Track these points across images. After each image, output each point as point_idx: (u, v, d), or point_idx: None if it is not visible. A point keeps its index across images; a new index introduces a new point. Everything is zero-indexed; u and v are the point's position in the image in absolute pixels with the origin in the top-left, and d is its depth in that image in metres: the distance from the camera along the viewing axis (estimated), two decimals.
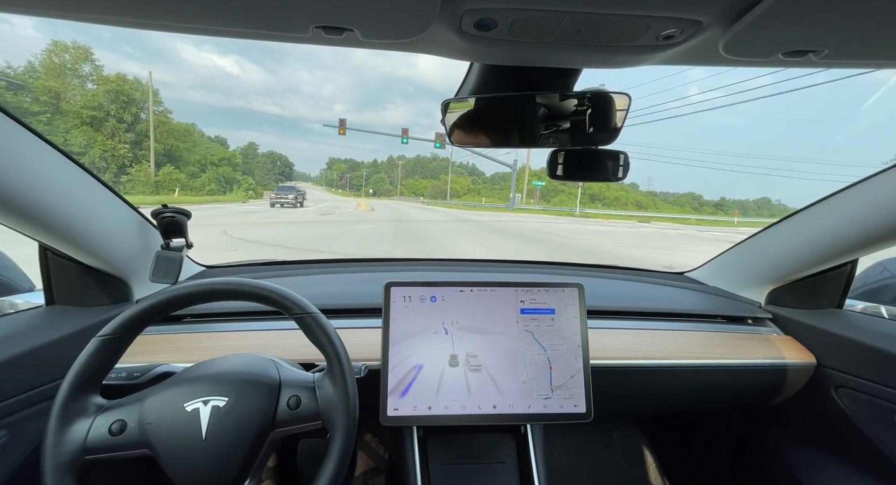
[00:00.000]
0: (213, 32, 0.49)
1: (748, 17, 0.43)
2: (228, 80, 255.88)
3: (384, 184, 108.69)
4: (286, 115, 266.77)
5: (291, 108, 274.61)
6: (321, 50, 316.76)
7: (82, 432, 0.56)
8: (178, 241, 1.02)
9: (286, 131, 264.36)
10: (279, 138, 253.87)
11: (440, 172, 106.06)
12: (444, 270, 1.37)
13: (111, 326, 0.60)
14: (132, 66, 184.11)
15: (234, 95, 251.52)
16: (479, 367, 0.84)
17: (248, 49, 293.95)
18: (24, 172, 0.67)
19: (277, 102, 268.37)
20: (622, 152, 0.76)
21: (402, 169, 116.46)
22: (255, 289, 0.64)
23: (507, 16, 0.45)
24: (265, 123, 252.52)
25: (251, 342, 0.93)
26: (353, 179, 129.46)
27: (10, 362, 0.72)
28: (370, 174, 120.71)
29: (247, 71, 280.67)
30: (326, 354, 0.64)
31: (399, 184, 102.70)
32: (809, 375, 1.03)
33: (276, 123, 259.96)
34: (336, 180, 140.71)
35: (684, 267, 1.46)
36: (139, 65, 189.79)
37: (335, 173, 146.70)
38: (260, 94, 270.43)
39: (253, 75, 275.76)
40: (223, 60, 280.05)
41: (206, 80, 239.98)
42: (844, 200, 0.90)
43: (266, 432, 0.61)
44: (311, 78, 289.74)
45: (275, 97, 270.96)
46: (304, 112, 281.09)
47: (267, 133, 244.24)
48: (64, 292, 0.91)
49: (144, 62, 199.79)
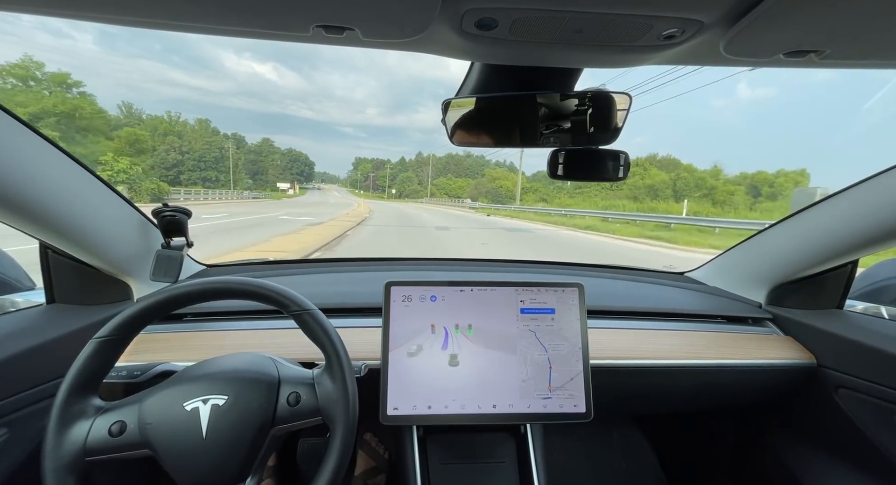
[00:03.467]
0: (214, 31, 0.49)
1: (749, 17, 0.43)
2: (266, 87, 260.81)
3: (412, 183, 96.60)
4: (319, 120, 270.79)
5: (325, 113, 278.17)
6: (354, 54, 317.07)
7: (82, 433, 0.56)
8: (178, 240, 1.03)
9: (319, 135, 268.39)
10: (312, 142, 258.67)
11: (476, 170, 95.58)
12: (444, 269, 1.37)
13: (108, 327, 0.60)
14: (179, 74, 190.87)
15: (271, 101, 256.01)
16: (479, 366, 0.84)
17: (285, 55, 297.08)
18: (26, 170, 0.67)
19: (311, 107, 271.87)
20: (623, 152, 0.76)
21: (432, 167, 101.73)
22: (252, 287, 0.64)
23: (508, 15, 0.45)
24: (300, 127, 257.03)
25: (252, 341, 0.93)
26: (377, 179, 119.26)
27: (11, 360, 0.72)
28: (396, 173, 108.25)
29: (283, 77, 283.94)
30: (325, 351, 0.64)
31: (429, 183, 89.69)
32: (809, 375, 1.02)
33: (309, 127, 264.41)
34: (360, 181, 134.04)
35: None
36: (186, 73, 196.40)
37: (360, 174, 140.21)
38: (295, 99, 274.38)
39: (289, 81, 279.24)
40: (262, 67, 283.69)
41: (245, 86, 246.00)
42: (845, 201, 0.90)
43: (266, 430, 0.61)
44: (343, 82, 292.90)
45: (309, 102, 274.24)
46: (337, 116, 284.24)
47: (301, 137, 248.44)
48: (64, 291, 0.91)
49: (190, 71, 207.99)
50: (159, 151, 64.51)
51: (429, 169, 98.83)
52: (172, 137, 69.41)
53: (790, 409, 1.11)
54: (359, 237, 10.57)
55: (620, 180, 0.78)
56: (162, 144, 66.16)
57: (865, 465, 0.96)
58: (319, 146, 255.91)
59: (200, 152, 69.58)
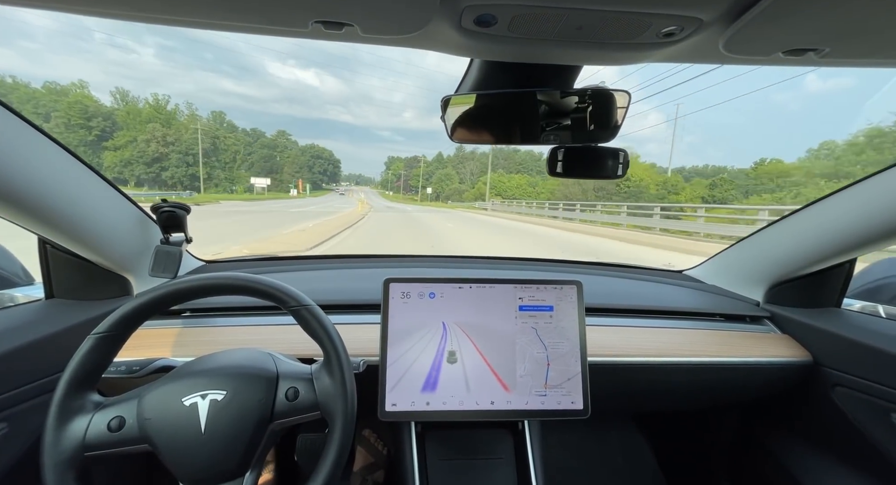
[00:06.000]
0: (213, 26, 0.49)
1: (748, 15, 0.43)
2: (307, 92, 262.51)
3: (451, 181, 73.28)
4: (357, 124, 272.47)
5: (363, 117, 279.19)
6: (394, 57, 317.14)
7: (81, 429, 0.56)
8: (177, 235, 1.03)
9: (356, 139, 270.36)
10: (351, 146, 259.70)
11: (531, 165, 74.79)
12: (443, 266, 1.37)
13: (106, 323, 0.60)
14: (228, 82, 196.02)
15: (312, 107, 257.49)
16: (478, 363, 0.85)
17: (327, 61, 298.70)
18: (24, 165, 0.67)
19: (351, 111, 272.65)
20: (622, 150, 0.76)
21: (477, 162, 77.00)
22: (250, 283, 0.64)
23: (507, 12, 0.45)
24: (339, 132, 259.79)
25: (250, 337, 0.93)
26: (409, 178, 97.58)
27: (10, 355, 0.72)
28: (432, 171, 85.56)
29: (325, 82, 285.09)
30: (323, 346, 0.65)
31: (473, 179, 69.53)
32: (807, 373, 1.03)
33: (347, 131, 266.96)
34: (392, 182, 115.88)
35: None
36: (234, 82, 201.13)
37: (392, 174, 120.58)
38: (335, 104, 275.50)
39: (330, 86, 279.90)
40: (304, 73, 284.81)
41: (288, 92, 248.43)
42: (843, 200, 0.90)
43: (265, 425, 0.61)
44: (382, 85, 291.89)
45: (349, 106, 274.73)
46: (375, 120, 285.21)
47: (339, 141, 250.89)
48: (63, 286, 0.91)
49: (238, 79, 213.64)
50: (138, 142, 54.08)
51: (472, 165, 75.26)
52: (155, 125, 56.23)
53: (787, 407, 1.12)
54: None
55: (619, 177, 0.79)
56: (142, 133, 54.71)
57: (862, 463, 0.96)
58: (357, 150, 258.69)
59: (188, 143, 56.00)
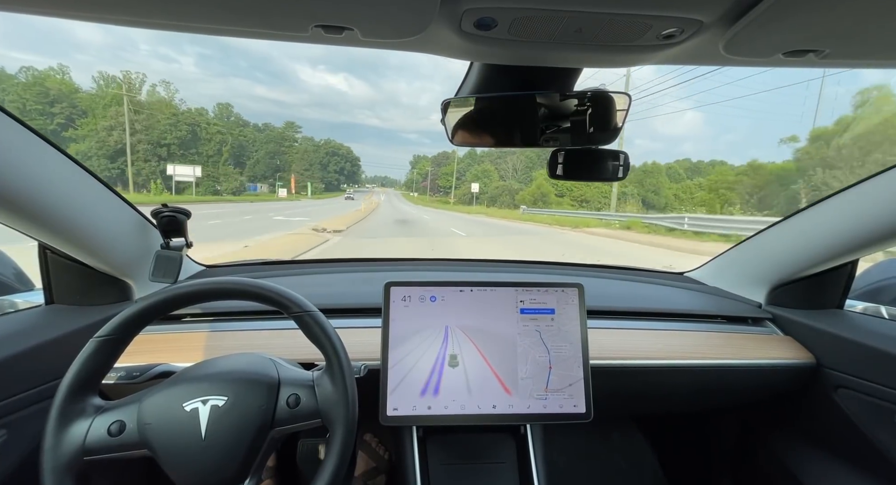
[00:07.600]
0: (212, 31, 0.49)
1: (748, 16, 0.43)
2: (336, 97, 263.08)
3: (492, 179, 51.60)
4: (384, 127, 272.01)
5: (390, 120, 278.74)
6: (420, 62, 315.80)
7: (81, 433, 0.56)
8: (177, 240, 1.02)
9: (383, 142, 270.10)
10: (378, 150, 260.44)
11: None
12: (444, 269, 1.36)
13: (108, 327, 0.60)
14: (261, 88, 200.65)
15: (341, 111, 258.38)
16: (479, 367, 0.84)
17: (355, 66, 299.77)
18: (24, 171, 0.67)
19: (378, 115, 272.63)
20: (622, 152, 0.76)
21: (520, 156, 51.93)
22: (252, 288, 0.64)
23: (507, 15, 0.45)
24: (367, 135, 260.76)
25: (251, 342, 0.93)
26: (437, 177, 79.22)
27: (10, 361, 0.72)
28: (464, 168, 66.29)
29: (353, 87, 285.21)
30: (325, 352, 0.64)
31: (518, 175, 52.35)
32: (809, 375, 1.02)
33: (375, 134, 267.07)
34: (418, 182, 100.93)
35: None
36: (266, 88, 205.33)
37: (417, 173, 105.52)
38: (363, 108, 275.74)
39: (358, 91, 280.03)
40: (333, 78, 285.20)
41: (317, 97, 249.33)
42: (845, 201, 0.90)
43: (265, 431, 0.61)
44: (409, 89, 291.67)
45: (376, 110, 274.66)
46: (402, 123, 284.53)
47: (367, 144, 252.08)
48: (63, 292, 0.91)
49: (270, 85, 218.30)
50: (98, 131, 40.29)
51: (514, 159, 54.14)
52: (119, 109, 39.43)
53: (790, 409, 1.11)
54: None
55: (620, 180, 0.78)
56: (104, 118, 40.63)
57: (865, 465, 0.96)
58: (383, 152, 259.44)
59: (160, 132, 42.66)
